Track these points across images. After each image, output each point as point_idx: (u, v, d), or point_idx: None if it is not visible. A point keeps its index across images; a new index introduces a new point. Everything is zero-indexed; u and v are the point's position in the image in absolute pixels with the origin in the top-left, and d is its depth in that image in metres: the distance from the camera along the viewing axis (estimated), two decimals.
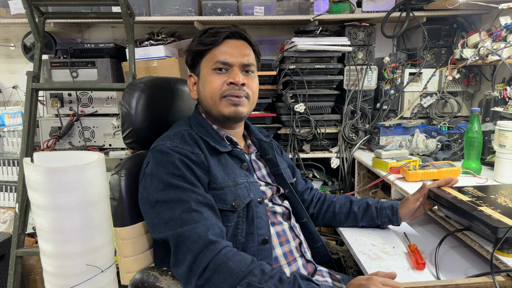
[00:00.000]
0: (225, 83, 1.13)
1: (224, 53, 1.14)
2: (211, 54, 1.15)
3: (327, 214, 1.41)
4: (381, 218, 1.34)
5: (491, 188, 1.34)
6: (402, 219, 1.33)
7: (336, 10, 2.30)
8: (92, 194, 1.41)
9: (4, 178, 2.42)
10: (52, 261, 1.43)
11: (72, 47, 2.30)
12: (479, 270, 1.11)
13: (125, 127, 1.23)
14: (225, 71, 1.14)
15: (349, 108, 2.30)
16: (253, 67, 1.18)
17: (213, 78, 1.14)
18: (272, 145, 1.31)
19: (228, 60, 1.13)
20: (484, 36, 1.97)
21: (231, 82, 1.12)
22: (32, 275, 2.23)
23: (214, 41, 1.14)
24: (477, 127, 1.67)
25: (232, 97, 1.13)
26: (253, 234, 1.09)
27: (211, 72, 1.14)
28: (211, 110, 1.17)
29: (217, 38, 1.14)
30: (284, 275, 0.91)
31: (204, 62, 1.17)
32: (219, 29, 1.16)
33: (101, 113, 2.36)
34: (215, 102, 1.14)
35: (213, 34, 1.15)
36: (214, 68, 1.14)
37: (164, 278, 1.02)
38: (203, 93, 1.17)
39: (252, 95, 1.17)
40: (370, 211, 1.36)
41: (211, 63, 1.15)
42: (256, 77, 1.21)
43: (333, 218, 1.40)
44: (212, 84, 1.14)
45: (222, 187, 1.08)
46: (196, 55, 1.19)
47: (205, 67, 1.16)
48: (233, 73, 1.13)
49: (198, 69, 1.19)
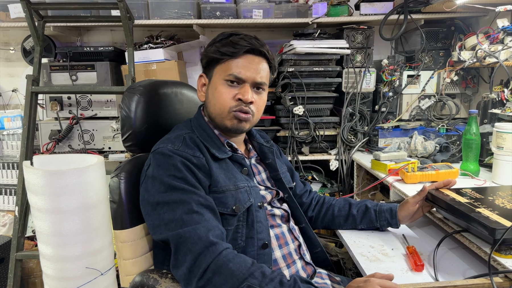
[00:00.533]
0: (234, 98, 1.12)
1: (240, 67, 1.12)
2: (227, 64, 1.13)
3: (326, 217, 1.41)
4: (380, 221, 1.35)
5: (489, 189, 1.35)
6: (401, 222, 1.34)
7: (334, 13, 2.31)
8: (92, 197, 1.42)
9: (4, 182, 2.43)
10: (51, 264, 1.43)
11: (71, 50, 2.30)
12: (477, 271, 1.11)
13: (124, 130, 1.24)
14: (237, 84, 1.13)
15: (348, 111, 2.31)
16: (264, 86, 1.18)
17: (224, 90, 1.13)
18: (272, 150, 1.31)
19: (242, 76, 1.12)
20: (481, 39, 1.98)
21: (240, 99, 1.12)
22: (31, 278, 2.23)
23: (233, 53, 1.12)
24: (475, 129, 1.67)
25: (239, 113, 1.13)
26: (253, 238, 1.09)
27: (222, 83, 1.13)
28: (215, 118, 1.17)
29: (237, 50, 1.12)
30: (285, 278, 0.91)
31: (218, 70, 1.15)
32: (241, 40, 1.13)
33: (101, 116, 2.37)
34: (221, 113, 1.14)
35: (233, 44, 1.12)
36: (227, 79, 1.13)
37: (164, 280, 1.02)
38: (212, 101, 1.17)
39: (257, 113, 1.17)
40: (369, 214, 1.36)
41: (225, 73, 1.13)
42: (265, 94, 1.20)
43: (332, 221, 1.40)
44: (221, 96, 1.13)
45: (223, 190, 1.08)
46: (212, 60, 1.17)
47: (218, 75, 1.15)
48: (243, 90, 1.12)
49: (211, 73, 1.18)
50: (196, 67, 2.64)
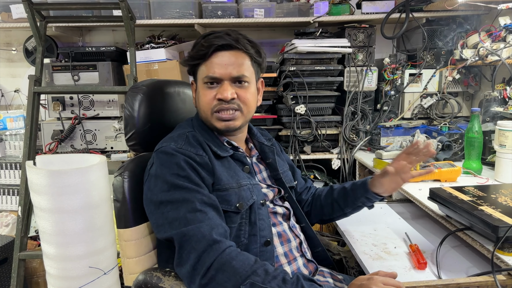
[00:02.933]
0: (214, 99, 1.12)
1: (213, 67, 1.10)
2: (202, 67, 1.13)
3: (316, 210, 1.39)
4: (359, 199, 1.30)
5: (492, 187, 1.35)
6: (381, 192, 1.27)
7: (336, 12, 2.31)
8: (95, 197, 1.42)
9: (7, 182, 2.43)
10: (55, 264, 1.43)
11: (73, 50, 2.31)
12: (480, 269, 1.11)
13: (127, 129, 1.24)
14: (217, 84, 1.12)
15: (350, 109, 2.31)
16: (246, 78, 1.13)
17: (205, 92, 1.13)
18: (273, 150, 1.31)
19: (217, 75, 1.10)
20: (483, 37, 1.98)
21: (220, 98, 1.11)
22: (34, 278, 2.24)
23: (203, 56, 1.11)
24: (478, 127, 1.67)
25: (222, 112, 1.13)
26: (256, 235, 1.10)
27: (203, 86, 1.14)
28: (206, 122, 1.18)
29: (206, 51, 1.11)
30: (287, 276, 0.92)
31: (198, 74, 1.16)
32: (212, 40, 1.11)
33: (103, 116, 2.37)
34: (207, 116, 1.15)
35: (205, 46, 1.11)
36: (206, 82, 1.13)
37: (167, 279, 1.03)
38: (198, 105, 1.19)
39: (244, 106, 1.15)
40: (348, 195, 1.32)
41: (202, 76, 1.13)
42: (250, 87, 1.16)
43: (321, 212, 1.38)
44: (204, 98, 1.14)
45: (227, 188, 1.09)
46: (192, 67, 1.18)
47: (200, 79, 1.15)
48: (222, 88, 1.11)
49: (196, 79, 1.19)
50: None
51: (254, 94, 1.19)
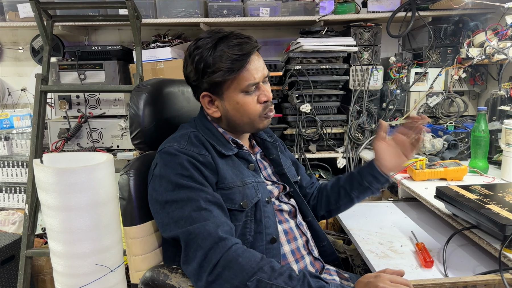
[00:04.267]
0: (258, 103, 1.12)
1: (252, 73, 1.08)
2: (239, 76, 1.07)
3: (323, 200, 1.38)
4: (365, 178, 1.28)
5: (499, 186, 1.34)
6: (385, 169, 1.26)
7: (342, 10, 2.31)
8: (101, 195, 1.43)
9: (14, 180, 2.45)
10: (62, 261, 1.44)
11: (79, 49, 2.32)
12: (487, 267, 1.11)
13: (133, 128, 1.24)
14: (254, 88, 1.12)
15: (355, 108, 2.31)
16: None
17: (247, 100, 1.11)
18: (276, 145, 1.31)
19: (258, 80, 1.10)
20: (490, 35, 1.97)
21: (265, 100, 1.12)
22: (41, 275, 2.25)
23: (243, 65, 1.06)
24: (484, 126, 1.67)
25: (269, 113, 1.15)
26: (261, 233, 1.10)
27: (241, 95, 1.10)
28: (243, 127, 1.17)
29: (244, 60, 1.06)
30: (294, 272, 0.92)
31: (229, 84, 1.09)
32: (243, 46, 1.06)
33: (109, 114, 2.39)
34: (252, 121, 1.14)
35: (239, 55, 1.06)
36: (245, 90, 1.10)
37: (174, 275, 1.03)
38: (236, 114, 1.13)
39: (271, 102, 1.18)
40: (354, 177, 1.31)
41: (241, 86, 1.08)
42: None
43: (328, 201, 1.37)
44: (248, 106, 1.11)
45: (231, 187, 1.09)
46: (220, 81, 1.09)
47: (233, 89, 1.09)
48: (262, 90, 1.12)
49: (220, 89, 1.11)
50: None
51: None
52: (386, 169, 1.26)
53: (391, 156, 1.25)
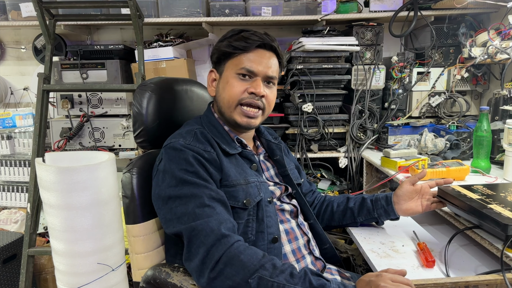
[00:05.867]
0: (246, 91, 1.14)
1: (252, 61, 1.13)
2: (239, 58, 1.15)
3: (326, 214, 1.40)
4: (376, 210, 1.31)
5: (501, 186, 1.34)
6: (399, 209, 1.29)
7: (344, 10, 2.31)
8: (103, 194, 1.43)
9: (16, 179, 2.45)
10: (63, 260, 1.45)
11: (82, 48, 2.32)
12: (489, 267, 1.11)
13: (136, 126, 1.25)
14: (249, 78, 1.15)
15: (357, 108, 2.30)
16: (275, 80, 1.19)
17: (236, 83, 1.14)
18: (280, 147, 1.32)
19: (254, 69, 1.13)
20: (492, 35, 1.96)
21: (252, 92, 1.13)
22: (43, 274, 2.25)
23: (245, 48, 1.14)
24: (486, 126, 1.66)
25: (249, 107, 1.15)
26: (263, 232, 1.10)
27: (234, 76, 1.15)
28: (225, 112, 1.18)
29: (249, 45, 1.13)
30: (295, 270, 0.92)
31: (229, 64, 1.17)
32: (252, 35, 1.14)
33: (111, 114, 2.39)
34: (230, 106, 1.16)
35: (245, 39, 1.14)
36: (239, 73, 1.14)
37: (176, 274, 1.03)
38: (222, 94, 1.18)
39: (267, 107, 1.19)
40: (366, 205, 1.33)
41: (236, 67, 1.14)
42: (275, 89, 1.22)
43: (331, 217, 1.38)
44: (233, 88, 1.14)
45: (234, 184, 1.09)
46: (223, 55, 1.18)
47: (230, 69, 1.16)
48: (256, 83, 1.14)
49: (222, 68, 1.19)
50: (205, 65, 2.65)
51: (275, 96, 1.24)
52: (400, 210, 1.29)
53: (411, 201, 1.28)
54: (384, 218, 1.33)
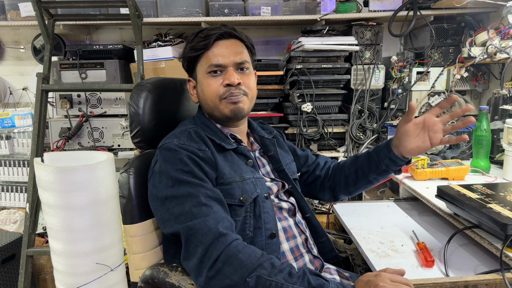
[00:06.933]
0: (221, 85, 1.14)
1: (217, 55, 1.14)
2: (205, 57, 1.16)
3: (341, 181, 1.35)
4: (383, 162, 1.21)
5: (500, 185, 1.34)
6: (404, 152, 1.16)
7: (343, 9, 2.30)
8: (102, 193, 1.42)
9: (15, 179, 2.45)
10: (62, 260, 1.44)
11: (81, 48, 2.32)
12: (488, 267, 1.10)
13: (133, 126, 1.25)
14: (220, 72, 1.15)
15: (357, 108, 2.30)
16: (247, 64, 1.18)
17: (210, 81, 1.15)
18: (274, 142, 1.31)
19: (221, 62, 1.14)
20: (492, 34, 1.96)
21: (228, 84, 1.13)
22: (42, 274, 2.25)
23: (205, 45, 1.15)
24: (486, 125, 1.66)
25: (231, 97, 1.15)
26: (261, 228, 1.10)
27: (207, 76, 1.16)
28: (213, 112, 1.19)
29: (208, 41, 1.14)
30: (294, 270, 0.91)
31: (199, 67, 1.18)
32: (209, 32, 1.15)
33: (110, 114, 2.39)
34: (215, 104, 1.16)
35: (203, 37, 1.15)
36: (209, 71, 1.15)
37: (174, 273, 1.03)
38: (203, 97, 1.19)
39: (249, 91, 1.18)
40: (372, 159, 1.25)
41: (205, 66, 1.15)
42: (251, 74, 1.22)
43: (346, 182, 1.34)
44: (210, 87, 1.15)
45: (230, 182, 1.09)
46: (191, 61, 1.20)
47: (201, 71, 1.18)
48: (228, 74, 1.14)
49: (195, 73, 1.21)
50: None
51: (255, 81, 1.24)
52: (406, 152, 1.16)
53: (415, 138, 1.13)
54: (394, 167, 1.22)
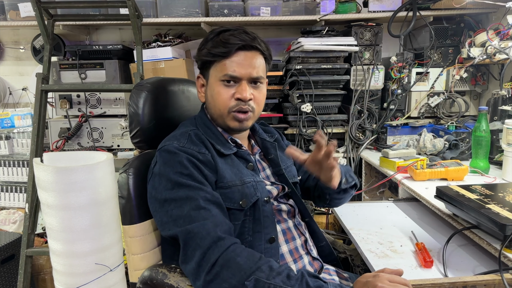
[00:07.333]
0: (232, 97, 1.11)
1: (234, 66, 1.10)
2: (221, 64, 1.11)
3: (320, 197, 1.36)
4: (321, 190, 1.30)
5: (499, 186, 1.34)
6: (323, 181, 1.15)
7: (343, 10, 2.31)
8: (101, 194, 1.43)
9: (14, 179, 2.45)
10: (61, 260, 1.44)
11: (80, 49, 2.32)
12: (487, 267, 1.10)
13: (132, 126, 1.24)
14: (234, 83, 1.12)
15: (356, 108, 2.30)
16: (262, 79, 1.15)
17: (221, 90, 1.12)
18: (275, 146, 1.30)
19: (237, 74, 1.10)
20: (491, 35, 1.96)
21: (239, 98, 1.11)
22: (41, 274, 2.25)
23: (225, 53, 1.10)
24: (485, 126, 1.66)
25: (239, 113, 1.13)
26: (260, 233, 1.09)
27: (219, 83, 1.12)
28: (217, 119, 1.17)
29: (228, 50, 1.09)
30: (292, 272, 0.91)
31: (213, 71, 1.14)
32: (231, 38, 1.10)
33: (110, 114, 2.39)
34: (222, 114, 1.14)
35: (223, 44, 1.09)
36: (223, 79, 1.11)
37: (173, 275, 1.03)
38: (211, 102, 1.16)
39: (257, 108, 1.16)
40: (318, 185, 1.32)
41: (220, 74, 1.11)
42: (264, 87, 1.18)
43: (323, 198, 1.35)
44: (220, 97, 1.12)
45: (230, 185, 1.09)
46: (206, 62, 1.16)
47: (214, 76, 1.13)
48: (241, 88, 1.11)
49: (207, 74, 1.16)
50: None
51: (265, 95, 1.20)
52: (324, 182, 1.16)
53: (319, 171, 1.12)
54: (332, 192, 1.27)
